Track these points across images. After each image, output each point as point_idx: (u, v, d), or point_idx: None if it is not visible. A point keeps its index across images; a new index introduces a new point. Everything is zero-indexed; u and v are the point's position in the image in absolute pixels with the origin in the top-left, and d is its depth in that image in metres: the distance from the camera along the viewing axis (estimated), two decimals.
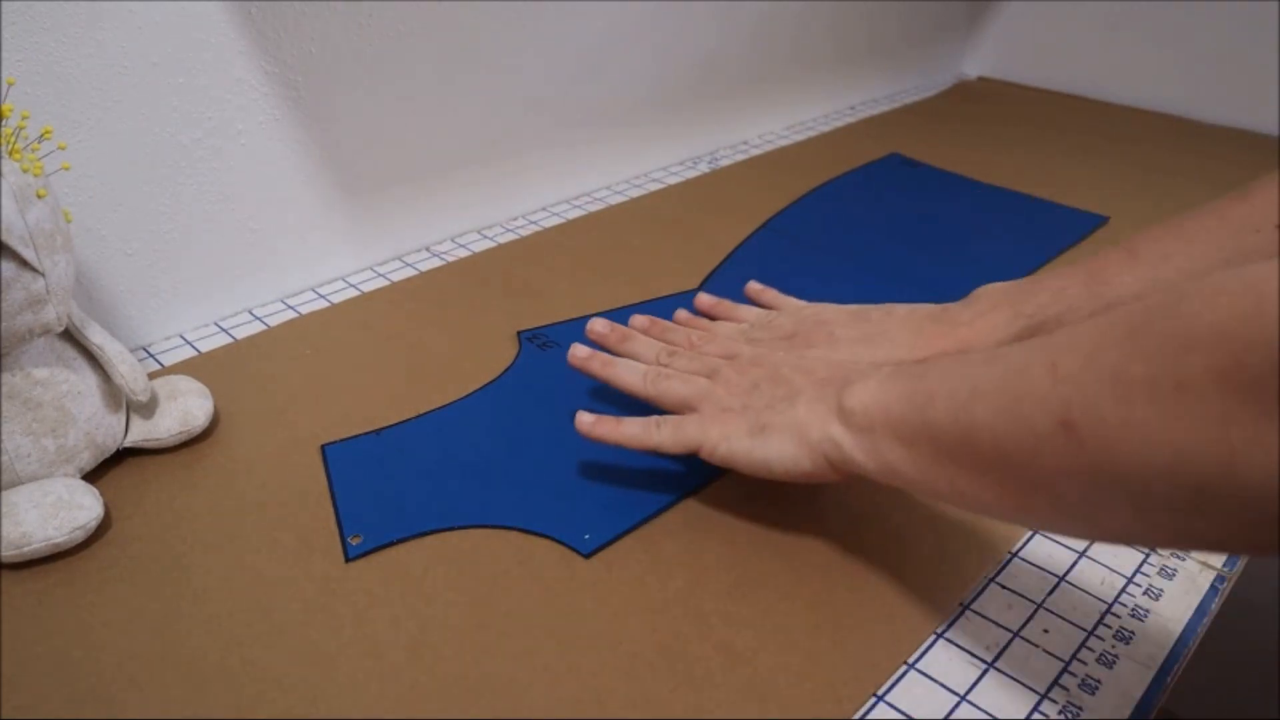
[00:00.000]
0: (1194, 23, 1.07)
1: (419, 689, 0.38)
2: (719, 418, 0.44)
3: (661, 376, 0.48)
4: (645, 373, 0.48)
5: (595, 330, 0.53)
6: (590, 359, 0.50)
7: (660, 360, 0.50)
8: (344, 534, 0.46)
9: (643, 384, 0.48)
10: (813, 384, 0.44)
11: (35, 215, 0.41)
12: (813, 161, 0.95)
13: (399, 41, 0.66)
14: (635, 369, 0.49)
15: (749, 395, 0.45)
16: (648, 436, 0.46)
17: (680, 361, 0.49)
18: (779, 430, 0.42)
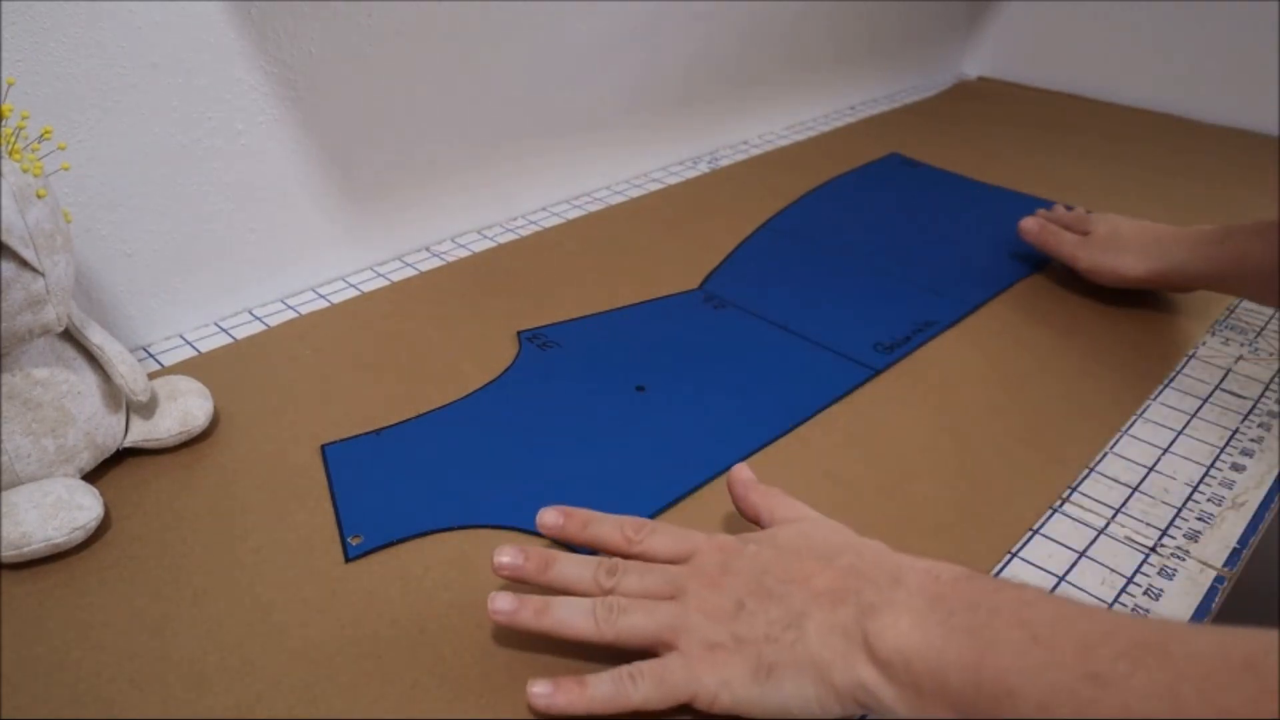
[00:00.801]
0: (1194, 23, 1.07)
1: (419, 689, 0.38)
2: (706, 657, 0.36)
3: (613, 613, 0.37)
4: (591, 610, 0.38)
5: (503, 564, 0.40)
6: (517, 612, 0.38)
7: (601, 583, 0.39)
8: (344, 534, 0.46)
9: (594, 629, 0.37)
10: (815, 603, 0.36)
11: (35, 215, 0.41)
12: (813, 161, 0.95)
13: (399, 41, 0.66)
14: (579, 609, 0.38)
15: (735, 622, 0.36)
16: (624, 697, 0.36)
17: (629, 581, 0.39)
18: (791, 671, 0.35)
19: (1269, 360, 0.63)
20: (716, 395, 0.57)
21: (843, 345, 0.62)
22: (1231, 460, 0.53)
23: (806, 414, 0.55)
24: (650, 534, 0.41)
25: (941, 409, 0.56)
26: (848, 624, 0.34)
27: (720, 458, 0.51)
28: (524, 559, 0.40)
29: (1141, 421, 0.56)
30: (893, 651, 0.33)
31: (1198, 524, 0.48)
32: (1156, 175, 0.93)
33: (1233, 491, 0.51)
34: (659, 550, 0.40)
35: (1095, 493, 0.50)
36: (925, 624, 0.33)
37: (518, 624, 0.38)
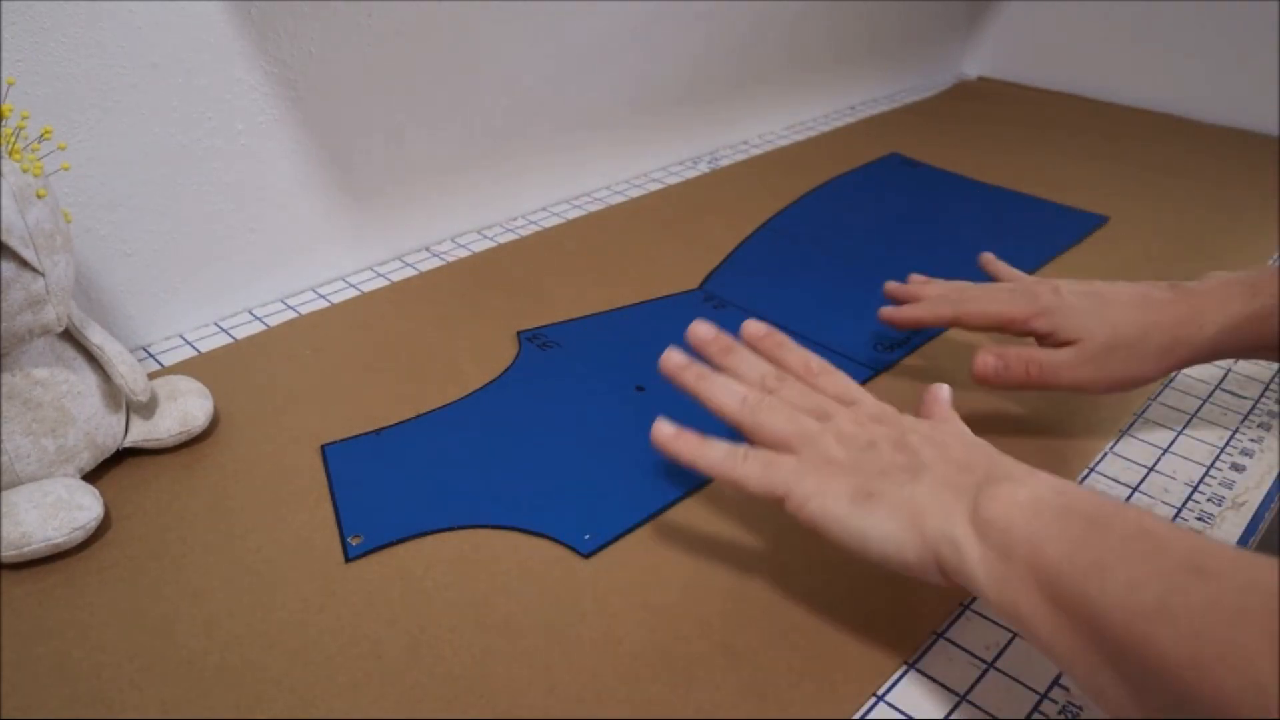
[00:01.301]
0: (1194, 23, 1.07)
1: (419, 689, 0.38)
2: (819, 469, 0.38)
3: (763, 405, 0.40)
4: (745, 396, 0.41)
5: (697, 335, 0.44)
6: (684, 369, 0.42)
7: (766, 384, 0.42)
8: (344, 534, 0.46)
9: (739, 409, 0.40)
10: (944, 463, 0.36)
11: (35, 215, 0.41)
12: (813, 161, 0.95)
13: (399, 41, 0.66)
14: (733, 390, 0.41)
15: (862, 453, 0.38)
16: (731, 467, 0.39)
17: (789, 391, 0.41)
18: (888, 504, 0.35)
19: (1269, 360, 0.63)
20: None
21: (843, 345, 0.62)
22: (1231, 460, 0.53)
23: None
24: (828, 374, 0.42)
25: None
26: (964, 485, 0.35)
27: None
28: (713, 337, 0.44)
29: (1141, 421, 0.56)
30: (999, 515, 0.33)
31: (1198, 524, 0.48)
32: (1156, 175, 0.93)
33: (1233, 491, 0.51)
34: (829, 388, 0.42)
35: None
36: (1042, 502, 0.32)
37: (681, 381, 0.42)
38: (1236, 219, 0.83)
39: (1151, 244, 0.78)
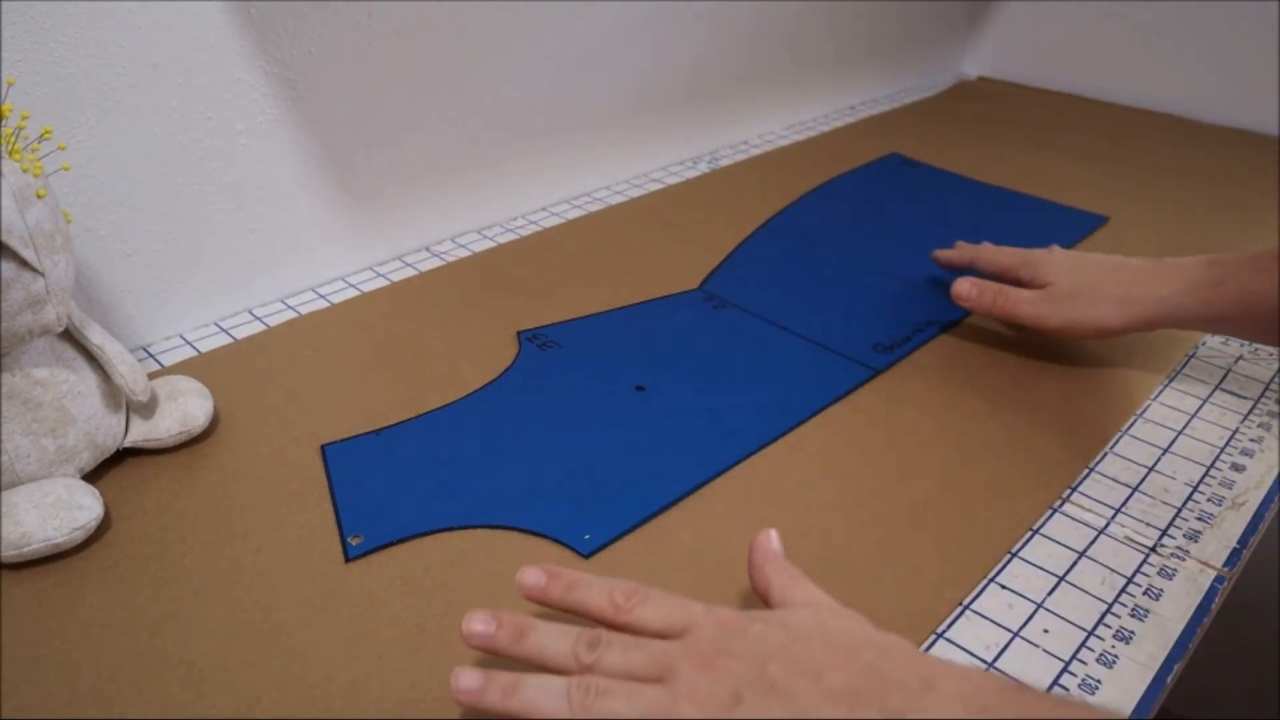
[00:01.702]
0: (1194, 23, 1.07)
1: (419, 689, 0.38)
2: None
3: (591, 694, 0.32)
4: (568, 692, 0.33)
5: (474, 633, 0.36)
6: (484, 691, 0.33)
7: (580, 658, 0.34)
8: (344, 534, 0.46)
9: (569, 711, 0.32)
10: (829, 702, 0.30)
11: (35, 215, 0.41)
12: (813, 161, 0.95)
13: (399, 41, 0.66)
14: (552, 690, 0.33)
15: (731, 712, 0.31)
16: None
17: (612, 657, 0.34)
18: None
19: (1269, 360, 0.63)
20: (716, 395, 0.57)
21: (843, 345, 0.62)
22: (1231, 460, 0.53)
23: (806, 414, 0.55)
24: (641, 602, 0.35)
25: (941, 409, 0.56)
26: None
27: (720, 458, 0.51)
28: (496, 627, 0.35)
29: (1141, 421, 0.56)
30: None
31: (1198, 524, 0.48)
32: (1156, 175, 0.93)
33: (1233, 491, 0.51)
34: (650, 621, 0.35)
35: (1095, 493, 0.50)
36: None
37: (483, 706, 0.33)
38: (1237, 219, 0.83)
39: (1151, 244, 0.78)
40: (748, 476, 0.50)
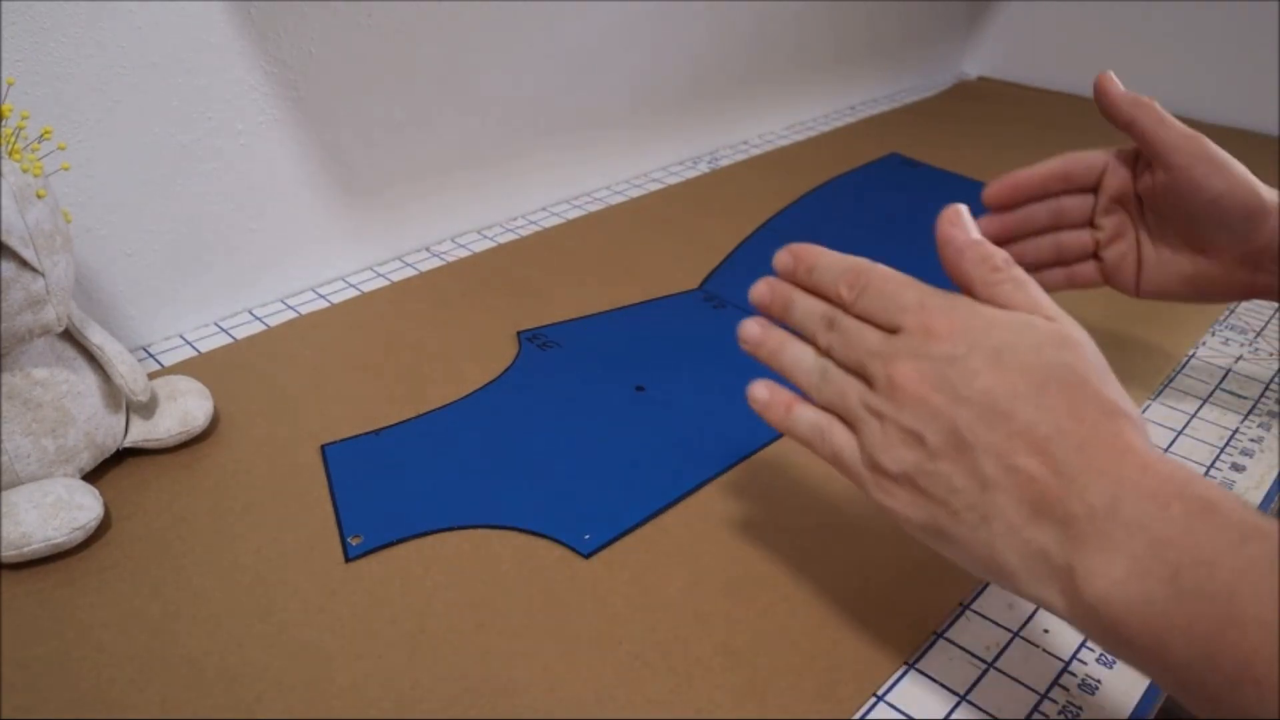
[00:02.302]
0: (1194, 23, 1.07)
1: (419, 689, 0.38)
2: (880, 483, 0.34)
3: (823, 381, 0.37)
4: (809, 369, 0.38)
5: (760, 292, 0.41)
6: (760, 345, 0.40)
7: (819, 337, 0.37)
8: (344, 534, 0.46)
9: (809, 384, 0.38)
10: (1008, 488, 0.30)
11: (35, 215, 0.41)
12: (813, 161, 0.95)
13: (399, 41, 0.66)
14: (801, 364, 0.38)
15: (918, 457, 0.32)
16: (817, 444, 0.37)
17: (839, 343, 0.36)
18: (967, 548, 0.32)
19: (1269, 360, 0.63)
20: (716, 395, 0.57)
21: None
22: (1231, 460, 0.53)
23: None
24: (863, 291, 0.36)
25: None
26: (1048, 548, 0.30)
27: (720, 458, 0.51)
28: (772, 296, 0.40)
29: None
30: (1101, 601, 0.28)
31: None
32: None
33: (1233, 491, 0.51)
34: (873, 311, 0.36)
35: None
36: (1146, 577, 0.28)
37: (760, 356, 0.40)
38: None
39: None
40: (748, 476, 0.50)
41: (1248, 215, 0.48)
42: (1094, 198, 0.53)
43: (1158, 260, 0.52)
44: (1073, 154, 0.54)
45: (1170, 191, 0.49)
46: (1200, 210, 0.48)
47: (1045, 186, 0.53)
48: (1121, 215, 0.53)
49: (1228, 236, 0.49)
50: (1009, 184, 0.53)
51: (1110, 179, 0.53)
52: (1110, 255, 0.53)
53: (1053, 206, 0.54)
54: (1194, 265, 0.51)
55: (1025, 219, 0.54)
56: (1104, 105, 0.51)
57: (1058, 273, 0.54)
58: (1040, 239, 0.54)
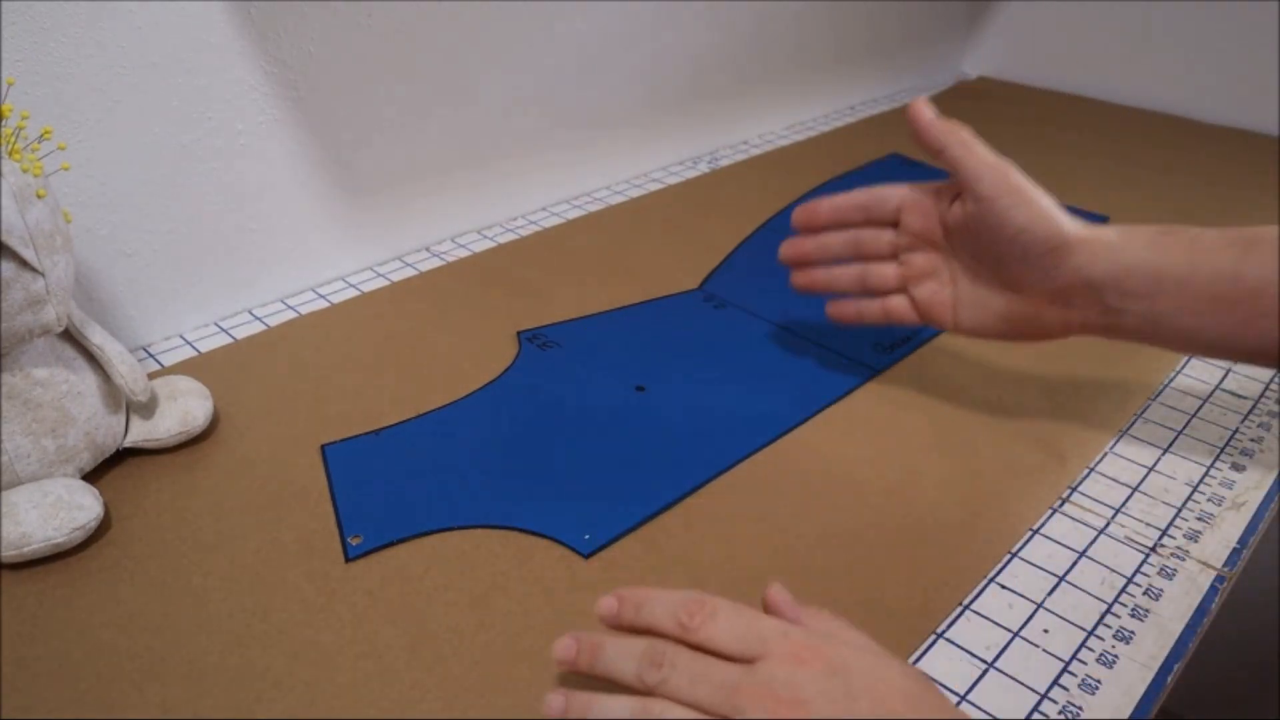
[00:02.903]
0: (1194, 23, 1.07)
1: (419, 689, 0.38)
2: None
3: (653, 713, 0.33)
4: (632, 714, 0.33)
5: (561, 659, 0.35)
6: (565, 710, 0.34)
7: (644, 678, 0.33)
8: (344, 534, 0.46)
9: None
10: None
11: (35, 215, 0.41)
12: (813, 161, 0.95)
13: (399, 41, 0.66)
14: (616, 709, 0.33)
15: None
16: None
17: (677, 682, 0.33)
18: None
19: None
20: (716, 395, 0.57)
21: (843, 345, 0.62)
22: (1231, 460, 0.53)
23: (806, 414, 0.55)
24: (710, 618, 0.34)
25: (941, 409, 0.56)
26: None
27: (719, 458, 0.51)
28: (576, 651, 0.35)
29: (1141, 421, 0.56)
30: None
31: (1198, 524, 0.48)
32: (1156, 175, 0.93)
33: (1232, 492, 0.51)
34: (719, 640, 0.33)
35: (1095, 493, 0.50)
36: None
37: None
38: (1236, 219, 0.83)
39: None
40: (748, 476, 0.50)
41: (1049, 250, 0.46)
42: (894, 233, 0.53)
43: (973, 298, 0.50)
44: (873, 188, 0.53)
45: (978, 224, 0.48)
46: (1005, 246, 0.47)
47: (842, 216, 0.54)
48: (929, 254, 0.51)
49: (1034, 273, 0.47)
50: (809, 209, 0.55)
51: (910, 217, 0.51)
52: (921, 293, 0.52)
53: (850, 237, 0.54)
54: (1007, 304, 0.49)
55: (820, 246, 0.54)
56: (915, 132, 0.49)
57: (874, 305, 0.54)
58: (846, 267, 0.54)
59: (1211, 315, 0.44)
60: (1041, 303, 0.48)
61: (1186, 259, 0.44)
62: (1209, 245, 0.44)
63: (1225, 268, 0.43)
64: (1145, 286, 0.44)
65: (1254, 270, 0.42)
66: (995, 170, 0.47)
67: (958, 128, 0.48)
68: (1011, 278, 0.48)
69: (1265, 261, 0.42)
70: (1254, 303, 0.43)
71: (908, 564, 0.45)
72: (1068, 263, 0.46)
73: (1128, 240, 0.45)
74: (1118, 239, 0.45)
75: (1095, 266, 0.45)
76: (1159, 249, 0.44)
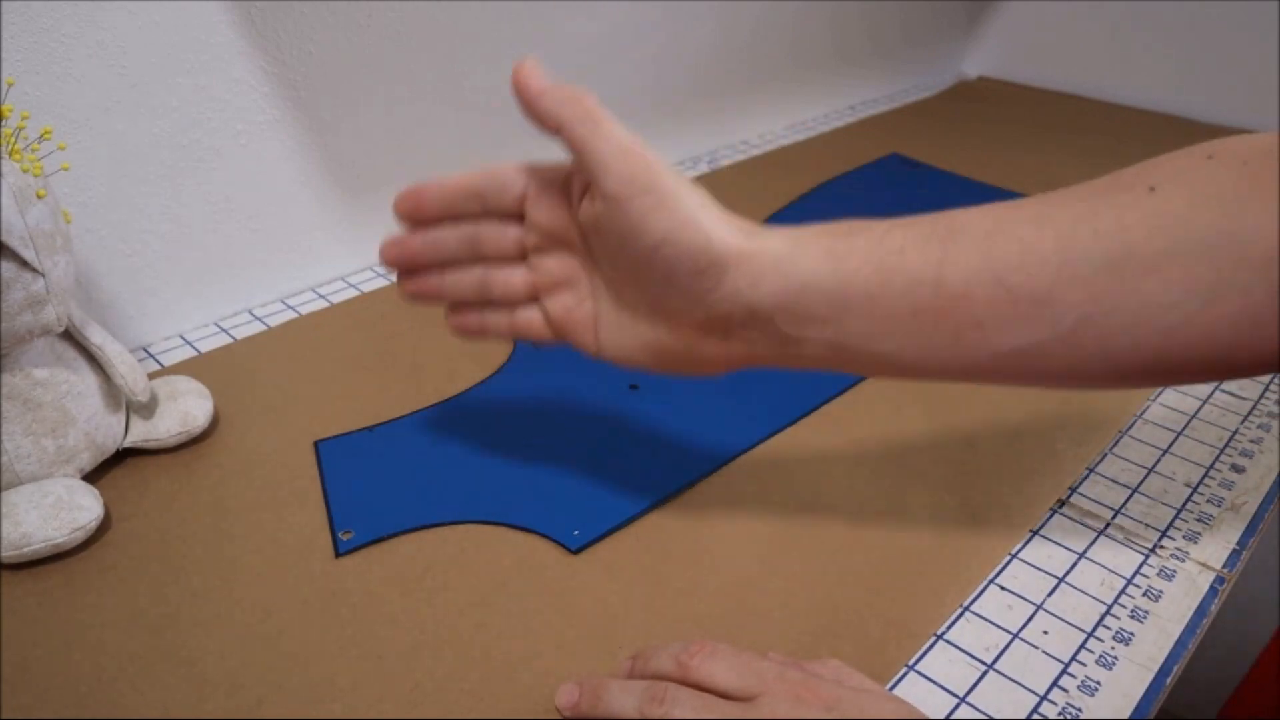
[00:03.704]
0: (1194, 23, 1.07)
1: (419, 691, 0.38)
2: None
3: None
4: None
5: (563, 706, 0.36)
6: None
7: (646, 714, 0.33)
8: (334, 529, 0.46)
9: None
10: None
11: (35, 215, 0.41)
12: (813, 161, 0.95)
13: (399, 41, 0.66)
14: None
15: None
16: None
17: (680, 713, 0.33)
18: None
19: None
20: (710, 393, 0.57)
21: None
22: (1231, 461, 0.53)
23: (801, 412, 0.55)
24: (709, 657, 0.34)
25: (940, 408, 0.56)
26: None
27: (714, 455, 0.51)
28: (579, 695, 0.36)
29: (1141, 422, 0.56)
30: None
31: (1197, 525, 0.48)
32: None
33: (1232, 493, 0.51)
34: (718, 678, 0.34)
35: (1095, 493, 0.50)
36: None
37: None
38: None
39: None
40: (741, 474, 0.50)
41: (697, 271, 0.35)
42: (520, 229, 0.41)
43: (616, 320, 0.39)
44: (491, 166, 0.40)
45: (608, 228, 0.36)
46: (643, 260, 0.35)
47: (453, 205, 0.41)
48: (564, 257, 0.40)
49: (680, 298, 0.36)
50: (414, 195, 0.41)
51: (536, 210, 0.39)
52: (554, 307, 0.40)
53: (467, 234, 0.41)
54: (653, 331, 0.38)
55: (430, 244, 0.41)
56: (524, 104, 0.36)
57: (500, 318, 0.42)
58: (465, 271, 0.41)
59: (913, 334, 0.34)
60: (694, 333, 0.37)
61: (874, 267, 0.34)
62: (900, 245, 0.35)
63: (923, 273, 0.34)
64: (825, 309, 0.35)
65: (956, 271, 0.33)
66: (628, 159, 0.35)
67: (581, 96, 0.36)
68: (654, 299, 0.37)
69: (969, 257, 0.33)
70: (962, 311, 0.33)
71: (907, 565, 0.45)
72: (723, 286, 0.35)
73: (799, 250, 0.35)
74: (786, 250, 0.35)
75: (759, 289, 0.35)
76: (838, 258, 0.35)
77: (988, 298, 0.33)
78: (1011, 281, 0.33)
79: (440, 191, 0.40)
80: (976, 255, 0.33)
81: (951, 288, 0.33)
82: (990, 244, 0.33)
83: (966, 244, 0.34)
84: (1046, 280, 0.32)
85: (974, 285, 0.33)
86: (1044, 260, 0.32)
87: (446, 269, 0.42)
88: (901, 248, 0.35)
